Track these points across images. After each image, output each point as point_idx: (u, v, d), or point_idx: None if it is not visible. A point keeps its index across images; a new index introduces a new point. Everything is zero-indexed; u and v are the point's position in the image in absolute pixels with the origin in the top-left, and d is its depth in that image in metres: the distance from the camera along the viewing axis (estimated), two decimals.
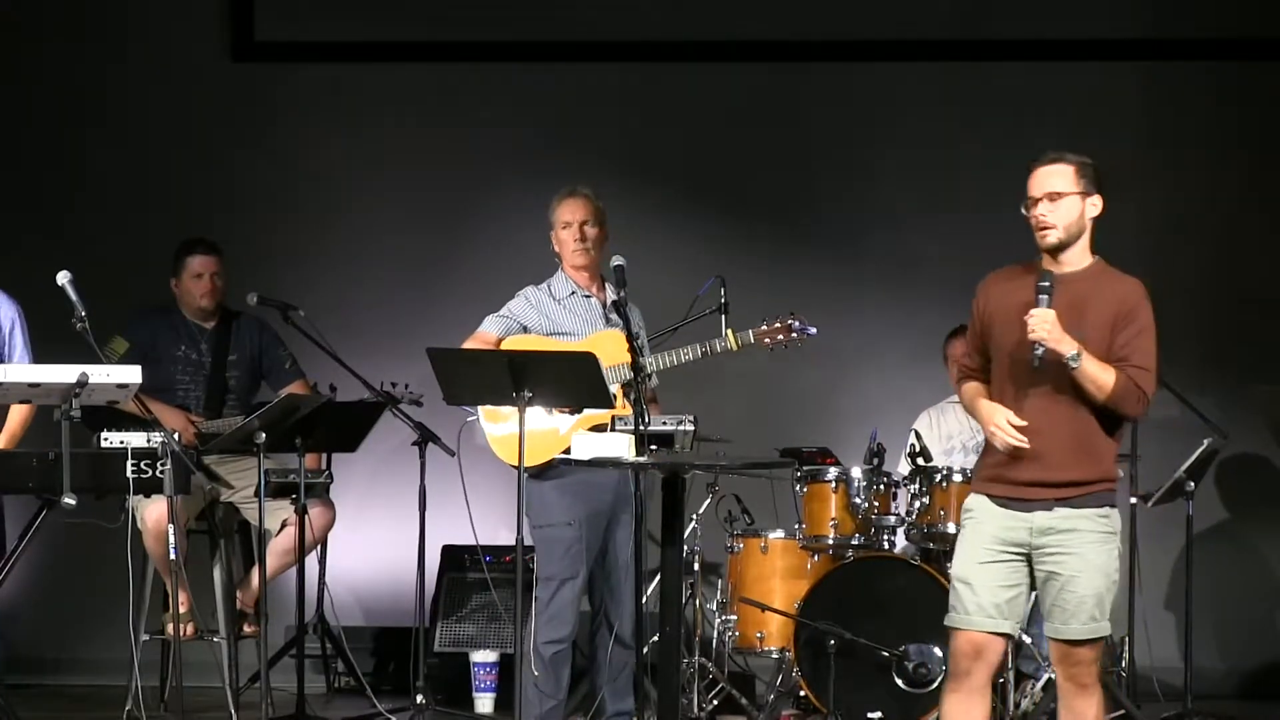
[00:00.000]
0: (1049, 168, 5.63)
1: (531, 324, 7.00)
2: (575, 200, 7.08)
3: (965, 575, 5.55)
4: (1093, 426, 5.52)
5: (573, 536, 6.87)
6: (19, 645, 8.48)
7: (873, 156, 9.30)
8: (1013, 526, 5.53)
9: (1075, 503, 5.50)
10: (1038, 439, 5.48)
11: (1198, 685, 7.84)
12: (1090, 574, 5.50)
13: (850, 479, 7.80)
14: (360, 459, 8.18)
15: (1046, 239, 5.56)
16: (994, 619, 5.52)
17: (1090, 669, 5.57)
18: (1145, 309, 5.60)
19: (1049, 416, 5.49)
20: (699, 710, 7.80)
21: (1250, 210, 9.28)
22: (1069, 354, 5.42)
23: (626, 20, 9.37)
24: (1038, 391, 5.50)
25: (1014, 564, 5.53)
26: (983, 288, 5.70)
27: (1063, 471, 5.49)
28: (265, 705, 7.32)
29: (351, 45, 9.43)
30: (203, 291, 7.99)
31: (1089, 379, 5.45)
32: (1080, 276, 5.57)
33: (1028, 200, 5.59)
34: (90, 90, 9.40)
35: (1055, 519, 5.49)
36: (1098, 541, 5.52)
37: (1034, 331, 5.43)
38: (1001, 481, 5.55)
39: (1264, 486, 9.11)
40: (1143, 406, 5.53)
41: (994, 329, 5.62)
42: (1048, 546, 5.50)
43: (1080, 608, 5.50)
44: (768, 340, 7.03)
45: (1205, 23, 9.25)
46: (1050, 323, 5.42)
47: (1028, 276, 5.57)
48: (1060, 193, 5.57)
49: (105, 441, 6.46)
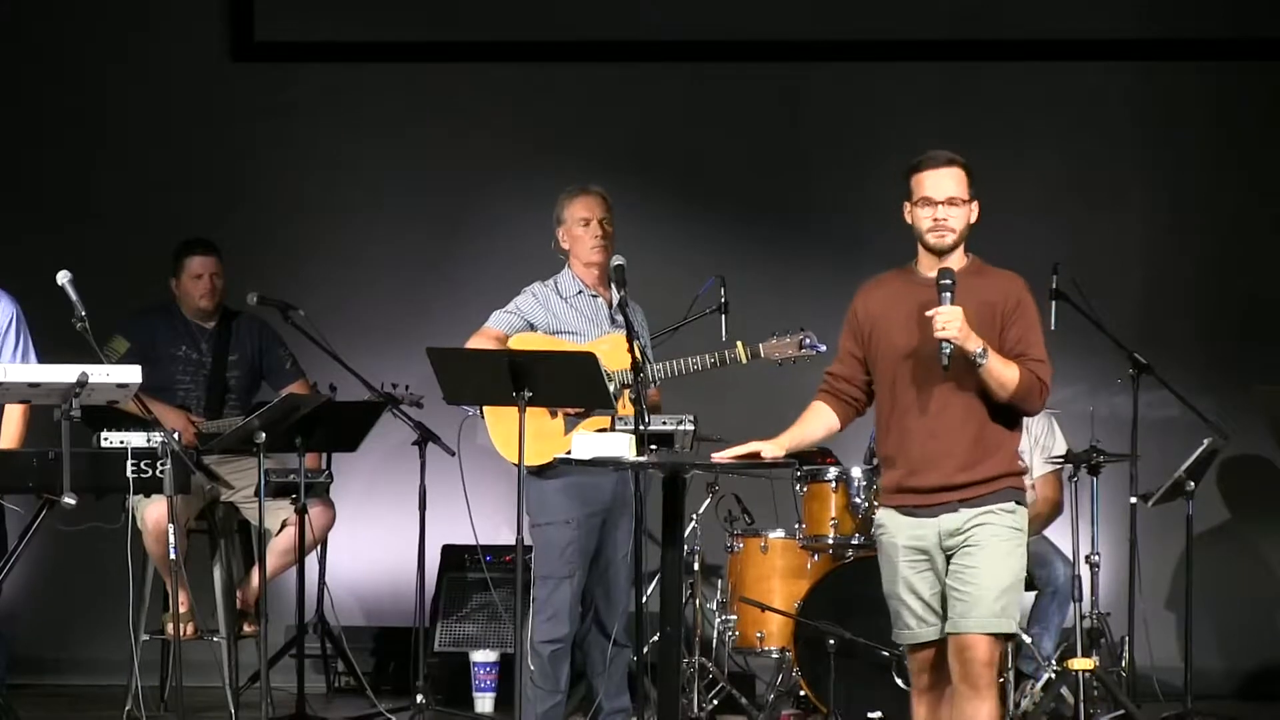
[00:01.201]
0: (948, 170, 5.56)
1: (538, 321, 6.99)
2: (593, 197, 7.07)
3: (895, 591, 5.54)
4: (992, 424, 5.46)
5: (570, 535, 6.87)
6: (19, 645, 8.47)
7: (873, 156, 9.28)
8: (922, 535, 5.48)
9: (977, 502, 5.45)
10: (937, 442, 5.44)
11: (1198, 685, 7.83)
12: (992, 567, 5.43)
13: (850, 479, 7.81)
14: (360, 459, 8.19)
15: (945, 240, 5.51)
16: (932, 626, 5.50)
17: (987, 670, 5.46)
18: (1029, 300, 5.55)
19: (947, 418, 5.44)
20: (699, 710, 7.79)
21: (1250, 210, 9.27)
22: (976, 350, 5.36)
23: (626, 20, 9.38)
24: (935, 394, 5.44)
25: (933, 568, 5.49)
26: (861, 297, 5.65)
27: (965, 473, 5.44)
28: (265, 705, 7.31)
29: (351, 45, 9.43)
30: (202, 292, 7.99)
31: (994, 376, 5.39)
32: (962, 274, 5.49)
33: (920, 199, 5.53)
34: (90, 90, 9.40)
35: (960, 520, 5.44)
36: (1002, 537, 5.45)
37: (943, 329, 5.35)
38: (905, 491, 5.50)
39: (1264, 486, 9.11)
40: (1044, 400, 5.49)
41: (879, 336, 5.54)
42: (955, 546, 5.46)
43: (980, 600, 5.41)
44: (777, 355, 7.03)
45: (1205, 23, 9.25)
46: (958, 319, 5.36)
47: (906, 281, 5.53)
48: (958, 198, 5.53)
49: (105, 441, 6.46)
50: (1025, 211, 8.89)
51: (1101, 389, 8.53)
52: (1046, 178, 9.04)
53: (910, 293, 5.52)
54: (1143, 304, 9.16)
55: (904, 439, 5.50)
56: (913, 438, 5.48)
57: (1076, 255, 8.25)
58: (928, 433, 5.46)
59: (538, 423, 6.71)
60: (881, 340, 5.55)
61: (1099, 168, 9.32)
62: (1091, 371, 8.48)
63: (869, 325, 5.59)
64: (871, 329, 5.58)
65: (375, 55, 9.44)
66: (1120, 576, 7.92)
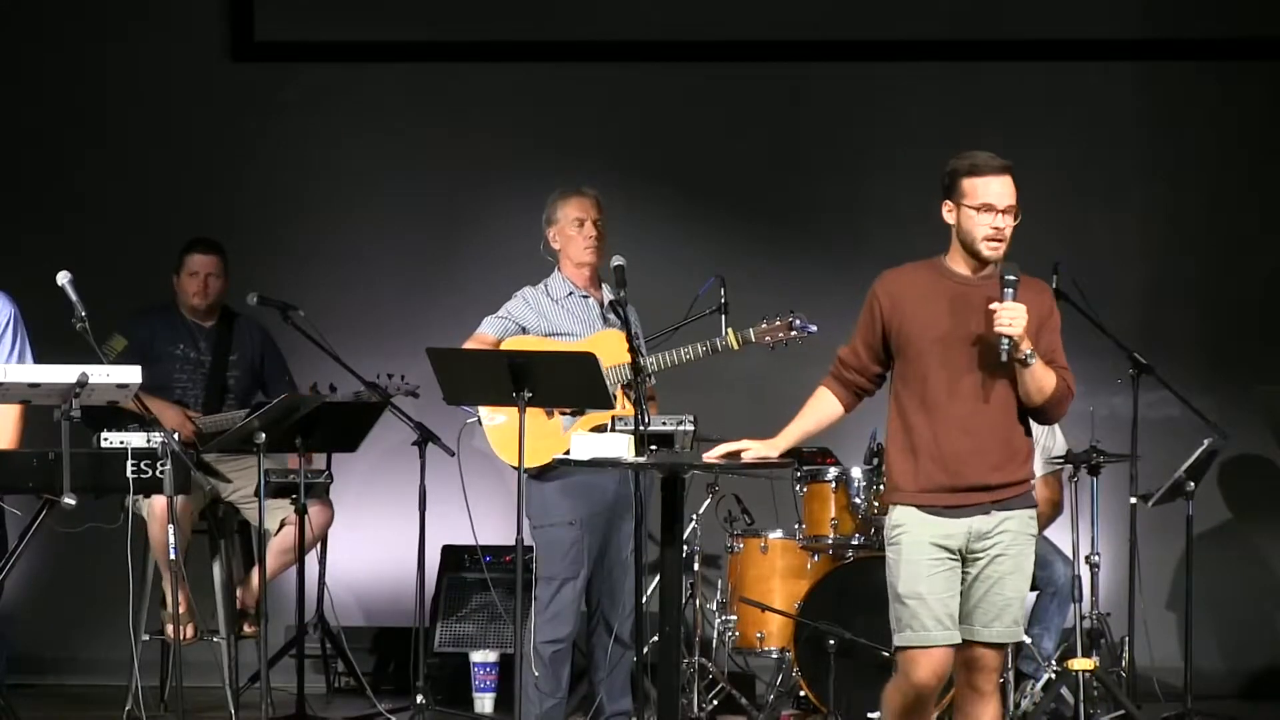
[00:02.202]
0: (1007, 177, 5.48)
1: (530, 325, 7.00)
2: (587, 199, 7.07)
3: (916, 591, 5.40)
4: (1017, 427, 5.46)
5: (574, 536, 6.87)
6: (19, 645, 8.47)
7: (873, 156, 9.29)
8: (951, 534, 5.41)
9: (1008, 505, 5.43)
10: (971, 439, 5.39)
11: (1198, 685, 7.83)
12: (1018, 576, 5.44)
13: (850, 479, 7.81)
14: (360, 459, 8.19)
15: (998, 252, 5.44)
16: (950, 630, 5.42)
17: (994, 676, 5.49)
18: (1056, 309, 5.58)
19: (980, 419, 5.41)
20: (699, 710, 7.80)
21: (1250, 210, 9.27)
22: (1028, 351, 5.35)
23: (626, 20, 9.37)
24: (970, 391, 5.41)
25: (954, 570, 5.43)
26: (884, 285, 5.54)
27: (997, 474, 5.41)
28: (265, 705, 7.32)
29: (351, 45, 9.43)
30: (195, 289, 8.01)
31: (1036, 379, 5.38)
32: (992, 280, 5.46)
33: (982, 205, 5.43)
34: (90, 90, 9.39)
35: (991, 522, 5.42)
36: (1026, 544, 5.46)
37: (1007, 325, 5.31)
38: (932, 490, 5.43)
39: (1264, 487, 9.11)
40: (1068, 408, 5.50)
41: (911, 328, 5.47)
42: (981, 550, 5.42)
43: (1006, 610, 5.43)
44: (768, 338, 7.02)
45: (1205, 23, 9.25)
46: (1021, 316, 5.33)
47: (939, 275, 5.46)
48: (1015, 208, 5.47)
49: (105, 441, 6.46)
50: (1025, 211, 8.86)
51: (1101, 389, 8.52)
52: (1046, 178, 9.03)
53: (945, 287, 5.46)
54: (1143, 304, 9.16)
55: (935, 434, 5.42)
56: (945, 433, 5.41)
57: (1076, 255, 8.23)
58: (961, 429, 5.40)
59: (535, 424, 6.71)
60: (913, 332, 5.46)
61: (1099, 168, 9.32)
62: (1091, 371, 8.45)
63: (897, 315, 5.49)
64: (901, 319, 5.48)
65: (375, 55, 9.44)
66: (1120, 577, 7.92)
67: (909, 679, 5.47)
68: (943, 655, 5.43)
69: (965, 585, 5.44)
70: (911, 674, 5.46)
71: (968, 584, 5.44)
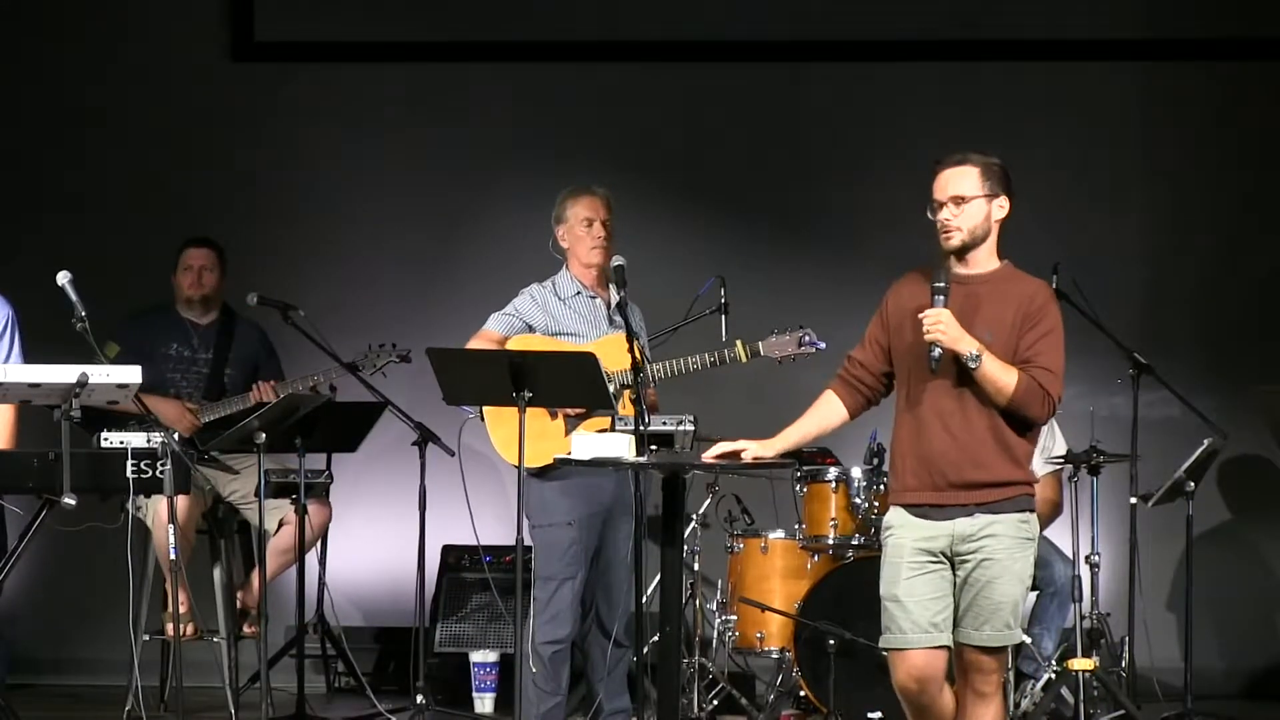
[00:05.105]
0: (954, 170, 5.49)
1: (537, 323, 6.98)
2: (597, 198, 7.05)
3: (894, 593, 5.44)
4: (1005, 428, 5.42)
5: (572, 537, 6.86)
6: (19, 645, 8.47)
7: (873, 156, 9.29)
8: (934, 535, 5.43)
9: (994, 508, 5.41)
10: (950, 439, 5.40)
11: (1198, 685, 7.82)
12: (1008, 580, 5.41)
13: (850, 479, 7.81)
14: (360, 459, 8.19)
15: (950, 242, 5.46)
16: (930, 633, 5.41)
17: (994, 678, 5.47)
18: (1053, 310, 5.50)
19: (961, 419, 5.41)
20: (699, 710, 7.80)
21: (1250, 210, 9.27)
22: (968, 353, 5.33)
23: (627, 20, 9.37)
24: (949, 394, 5.41)
25: (939, 572, 5.43)
26: (893, 290, 5.61)
27: (980, 471, 5.40)
28: (265, 705, 7.32)
29: (352, 45, 9.43)
30: (190, 282, 8.03)
31: (989, 380, 5.35)
32: (984, 279, 5.48)
33: (933, 203, 5.48)
34: (90, 90, 9.40)
35: (976, 525, 5.40)
36: (1016, 547, 5.42)
37: (929, 332, 5.35)
38: (917, 490, 5.45)
39: (1264, 487, 9.11)
40: (1048, 409, 5.43)
41: (900, 333, 5.52)
42: (967, 552, 5.41)
43: (995, 614, 5.41)
44: (777, 353, 7.02)
45: (1205, 23, 9.25)
46: (945, 322, 5.34)
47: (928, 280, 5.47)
48: (965, 196, 5.45)
49: (105, 441, 6.46)
50: (1025, 211, 8.87)
51: (1101, 389, 8.53)
52: (1046, 178, 9.03)
53: (922, 293, 5.48)
54: (1143, 304, 9.16)
55: (919, 432, 5.45)
56: (927, 432, 5.43)
57: (1076, 255, 8.24)
58: (942, 427, 5.41)
59: (538, 424, 6.71)
60: (900, 337, 5.53)
61: (1099, 168, 9.32)
62: (1091, 371, 8.47)
63: (895, 320, 5.55)
64: (897, 324, 5.55)
65: (375, 55, 9.44)
66: (1120, 577, 7.92)
67: (893, 681, 5.51)
68: (922, 658, 5.42)
69: (956, 588, 5.44)
70: (892, 675, 5.50)
71: (958, 587, 5.44)
